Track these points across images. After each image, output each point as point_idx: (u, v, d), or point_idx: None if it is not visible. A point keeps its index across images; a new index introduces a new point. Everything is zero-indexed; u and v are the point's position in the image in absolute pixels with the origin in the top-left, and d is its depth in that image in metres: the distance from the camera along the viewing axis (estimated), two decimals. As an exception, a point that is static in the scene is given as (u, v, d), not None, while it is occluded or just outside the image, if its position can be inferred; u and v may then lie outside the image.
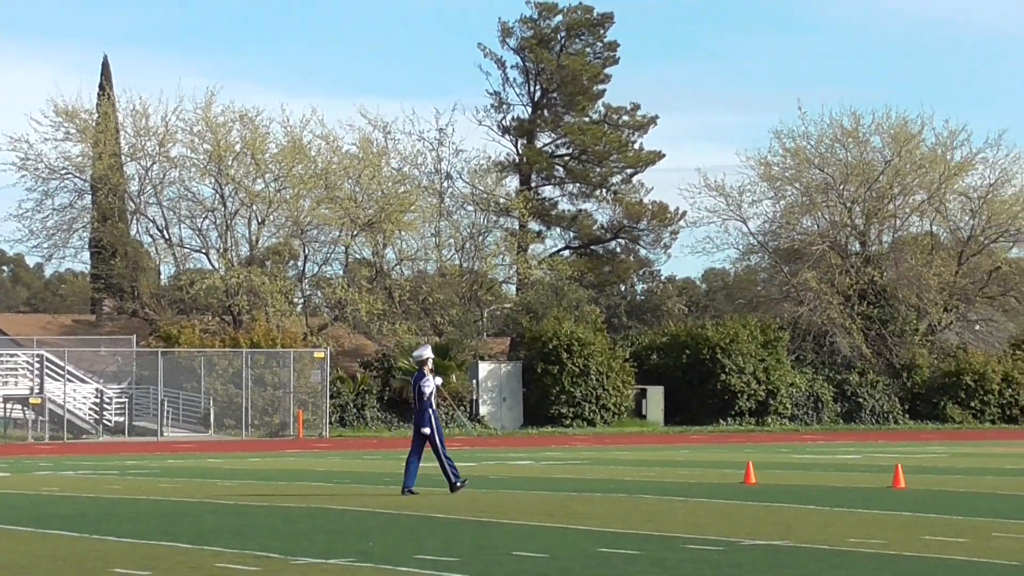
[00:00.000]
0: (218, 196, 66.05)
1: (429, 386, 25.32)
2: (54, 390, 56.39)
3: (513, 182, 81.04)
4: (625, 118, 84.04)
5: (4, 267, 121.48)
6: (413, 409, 26.16)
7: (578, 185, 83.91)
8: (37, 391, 56.24)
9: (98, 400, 57.95)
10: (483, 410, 63.91)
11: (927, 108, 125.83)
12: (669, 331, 70.77)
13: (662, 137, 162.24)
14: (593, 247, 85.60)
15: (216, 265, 66.15)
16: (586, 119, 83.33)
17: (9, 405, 57.28)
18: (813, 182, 74.79)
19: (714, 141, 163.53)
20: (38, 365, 56.53)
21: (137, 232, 67.78)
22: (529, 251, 74.95)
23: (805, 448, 47.57)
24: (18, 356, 57.89)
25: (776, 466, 34.97)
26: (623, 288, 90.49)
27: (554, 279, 70.80)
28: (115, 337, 62.20)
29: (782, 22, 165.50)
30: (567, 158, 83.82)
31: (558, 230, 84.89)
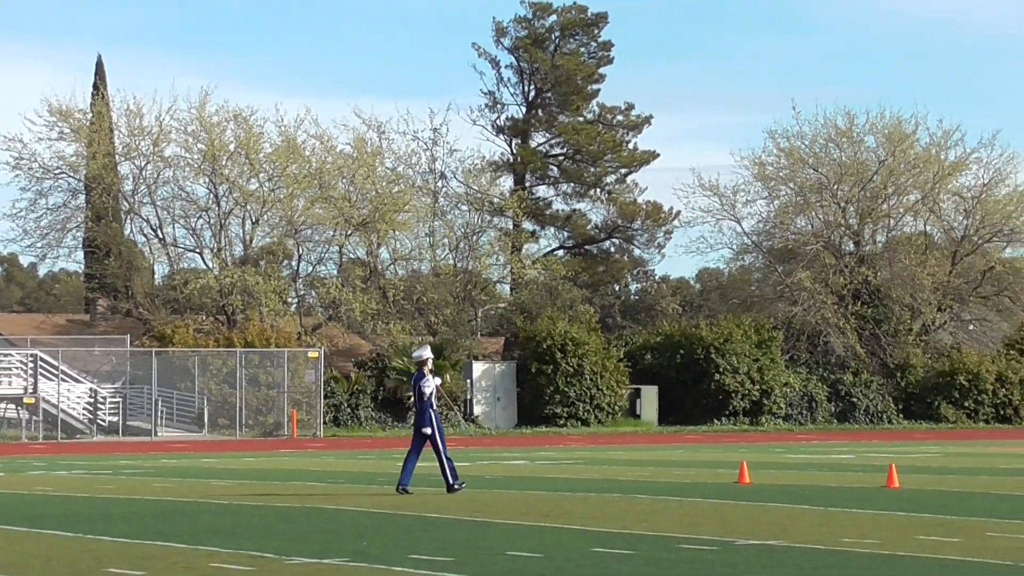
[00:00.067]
0: (212, 196, 66.06)
1: (429, 386, 25.33)
2: (48, 390, 56.34)
3: (507, 182, 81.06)
4: (619, 118, 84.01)
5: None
6: (414, 409, 26.20)
7: (572, 185, 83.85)
8: (31, 391, 56.18)
9: (92, 400, 57.93)
10: (477, 410, 63.88)
11: (921, 108, 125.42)
12: (663, 331, 70.72)
13: (656, 137, 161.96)
14: (587, 247, 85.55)
15: (210, 265, 66.14)
16: (580, 119, 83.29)
17: (3, 405, 57.25)
18: (807, 182, 74.76)
19: (708, 141, 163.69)
20: (32, 365, 56.47)
21: (131, 232, 67.88)
22: (523, 251, 74.90)
23: (799, 448, 47.58)
24: (12, 356, 57.81)
25: (770, 466, 34.97)
26: (617, 288, 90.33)
27: (548, 279, 70.79)
28: (109, 337, 62.21)
29: (776, 22, 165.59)
30: (561, 158, 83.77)
31: (552, 230, 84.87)
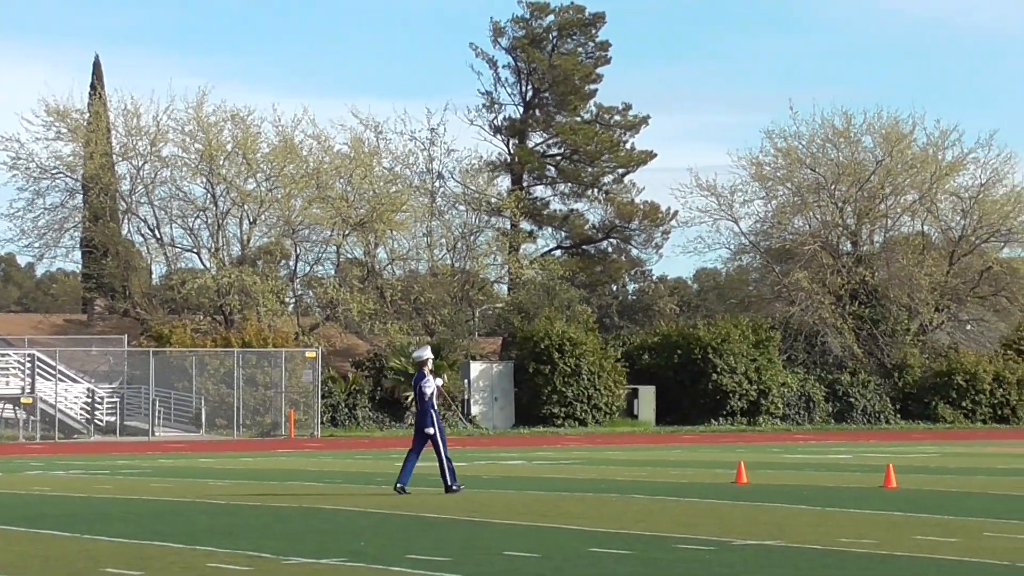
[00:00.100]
0: (209, 195, 66.05)
1: (430, 387, 25.33)
2: (45, 390, 56.32)
3: (504, 182, 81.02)
4: (617, 118, 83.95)
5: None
6: (415, 410, 26.20)
7: (569, 185, 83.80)
8: (28, 391, 56.16)
9: (89, 400, 57.90)
10: (475, 410, 63.88)
11: (918, 108, 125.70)
12: (661, 331, 70.74)
13: (654, 137, 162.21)
14: (584, 247, 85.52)
15: (207, 265, 66.12)
16: (578, 119, 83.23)
17: (0, 405, 57.19)
18: (804, 182, 74.76)
19: (706, 141, 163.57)
20: (29, 365, 56.44)
21: (128, 231, 67.85)
22: (520, 251, 74.91)
23: (797, 448, 47.60)
24: (9, 356, 57.77)
25: (768, 466, 34.98)
26: (615, 288, 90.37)
27: (545, 279, 70.79)
28: (106, 337, 62.17)
29: (774, 22, 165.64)
30: (559, 158, 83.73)
31: (549, 230, 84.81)
